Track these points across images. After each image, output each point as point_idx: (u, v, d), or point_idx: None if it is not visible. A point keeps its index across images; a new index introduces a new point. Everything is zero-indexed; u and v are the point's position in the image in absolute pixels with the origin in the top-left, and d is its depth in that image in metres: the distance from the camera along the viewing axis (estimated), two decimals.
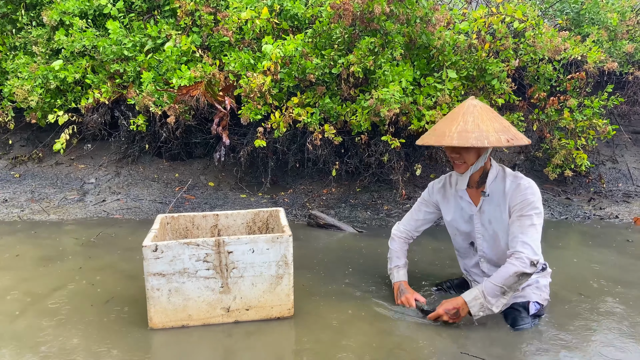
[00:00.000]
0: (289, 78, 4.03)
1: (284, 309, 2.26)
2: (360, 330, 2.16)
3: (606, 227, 3.84)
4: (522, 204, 2.13)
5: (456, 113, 2.17)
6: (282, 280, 2.22)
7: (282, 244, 2.19)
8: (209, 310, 2.18)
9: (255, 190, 4.57)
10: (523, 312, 2.21)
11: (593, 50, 4.22)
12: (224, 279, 2.16)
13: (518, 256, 2.06)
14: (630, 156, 5.31)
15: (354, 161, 4.47)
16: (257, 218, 2.69)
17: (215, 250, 2.12)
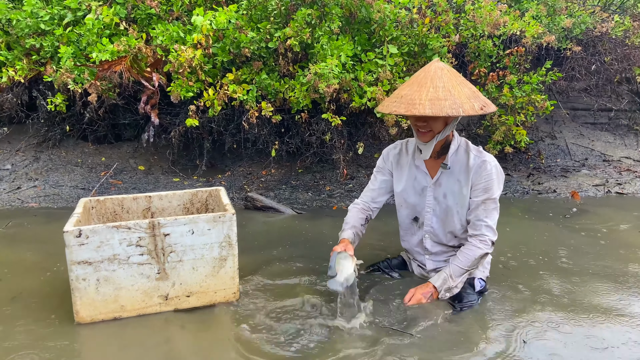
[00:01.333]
0: (222, 53, 3.86)
1: (228, 293, 2.16)
2: (308, 312, 2.11)
3: (544, 202, 3.96)
4: (488, 184, 2.12)
5: (423, 77, 2.04)
6: (226, 262, 2.12)
7: (225, 224, 2.07)
8: (145, 300, 2.04)
9: (190, 173, 4.39)
10: (469, 288, 2.23)
11: (531, 25, 4.29)
12: (161, 264, 2.02)
13: (483, 239, 2.14)
14: (569, 132, 5.50)
15: (295, 141, 4.38)
16: (195, 199, 2.53)
17: (150, 234, 1.97)
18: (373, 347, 1.83)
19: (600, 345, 1.87)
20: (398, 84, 3.97)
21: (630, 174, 4.69)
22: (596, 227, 3.32)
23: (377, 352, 1.80)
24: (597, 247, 2.95)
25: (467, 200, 2.17)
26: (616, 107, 5.72)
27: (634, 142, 5.43)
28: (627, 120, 5.74)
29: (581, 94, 5.86)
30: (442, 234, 2.27)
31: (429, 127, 2.07)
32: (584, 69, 5.13)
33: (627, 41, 5.03)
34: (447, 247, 2.30)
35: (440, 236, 2.28)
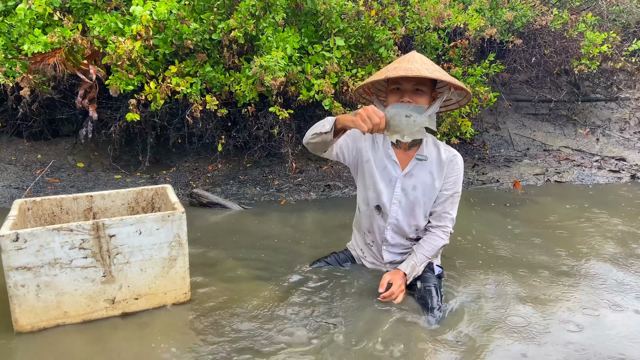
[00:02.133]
0: (164, 44, 3.75)
1: (179, 294, 2.10)
2: (260, 308, 2.08)
3: (488, 192, 4.10)
4: (457, 178, 2.22)
5: (410, 58, 2.03)
6: (176, 262, 2.06)
7: (175, 223, 2.01)
8: (90, 304, 1.95)
9: (133, 170, 4.27)
10: (429, 271, 2.29)
11: (474, 18, 4.41)
12: (106, 267, 1.94)
13: (445, 230, 2.25)
14: (512, 123, 5.71)
15: (243, 135, 4.33)
16: (140, 197, 2.44)
17: (94, 235, 1.88)
18: (315, 343, 1.84)
19: (535, 330, 1.96)
20: (346, 76, 4.00)
21: (569, 163, 4.92)
22: (535, 215, 3.47)
23: (321, 347, 1.81)
24: (535, 234, 3.08)
25: (436, 193, 2.21)
26: (556, 98, 5.99)
27: (572, 132, 5.71)
28: (566, 111, 6.02)
29: (523, 86, 6.09)
30: (406, 226, 2.27)
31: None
32: (525, 61, 5.33)
33: (565, 34, 5.26)
34: (406, 239, 2.32)
35: (404, 228, 2.28)
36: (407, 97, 2.02)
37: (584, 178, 4.50)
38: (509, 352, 1.80)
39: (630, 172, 4.69)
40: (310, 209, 3.59)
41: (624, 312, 2.10)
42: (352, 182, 4.12)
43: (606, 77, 6.22)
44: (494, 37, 4.75)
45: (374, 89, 2.30)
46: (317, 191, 3.99)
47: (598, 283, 2.38)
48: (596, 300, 2.21)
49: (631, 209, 3.62)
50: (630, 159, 5.10)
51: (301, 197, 3.86)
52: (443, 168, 2.20)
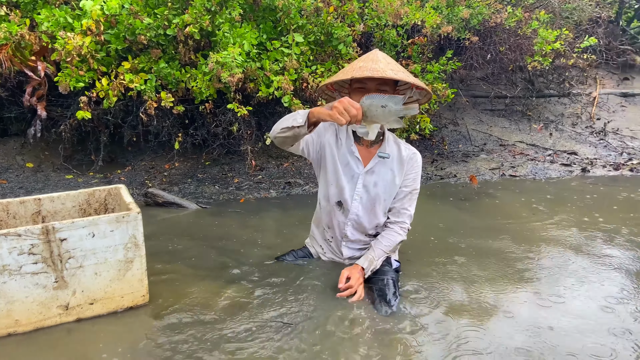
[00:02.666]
0: (116, 40, 3.66)
1: (137, 297, 2.05)
2: (220, 309, 2.06)
3: (445, 186, 4.19)
4: (415, 176, 2.29)
5: (373, 57, 2.08)
6: (133, 264, 2.00)
7: (130, 224, 1.95)
8: (42, 311, 1.87)
9: (85, 169, 4.15)
10: (386, 265, 2.33)
11: (431, 15, 4.48)
12: (58, 272, 1.86)
13: (403, 226, 2.30)
14: (470, 118, 5.84)
15: (201, 132, 4.27)
16: (92, 199, 2.36)
17: (44, 240, 1.80)
18: (265, 343, 1.84)
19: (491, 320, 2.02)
20: (305, 72, 3.99)
21: (523, 157, 5.08)
22: (490, 209, 3.57)
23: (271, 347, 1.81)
24: (490, 227, 3.17)
25: (396, 190, 2.27)
26: (511, 94, 6.16)
27: (527, 127, 5.88)
28: (521, 107, 6.20)
29: (480, 82, 6.24)
30: (367, 223, 2.31)
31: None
32: (482, 58, 5.45)
33: (519, 31, 5.40)
34: (366, 235, 2.36)
35: (364, 225, 2.31)
36: None
37: (537, 172, 4.65)
38: (461, 337, 1.85)
39: (581, 165, 4.87)
40: (271, 206, 3.58)
41: (567, 300, 2.19)
42: (312, 179, 4.13)
43: (559, 74, 6.43)
44: (451, 35, 4.84)
45: (336, 85, 2.32)
46: (277, 189, 3.97)
47: (547, 272, 2.47)
48: (545, 288, 2.29)
49: (581, 201, 3.76)
50: (582, 153, 5.30)
51: (261, 195, 3.84)
52: (403, 165, 2.26)
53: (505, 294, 2.25)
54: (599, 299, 2.20)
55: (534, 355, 1.77)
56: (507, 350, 1.80)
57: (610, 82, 7.24)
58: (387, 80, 2.05)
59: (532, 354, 1.77)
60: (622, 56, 7.36)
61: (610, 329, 1.95)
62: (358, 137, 2.25)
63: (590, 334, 1.91)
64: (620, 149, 5.45)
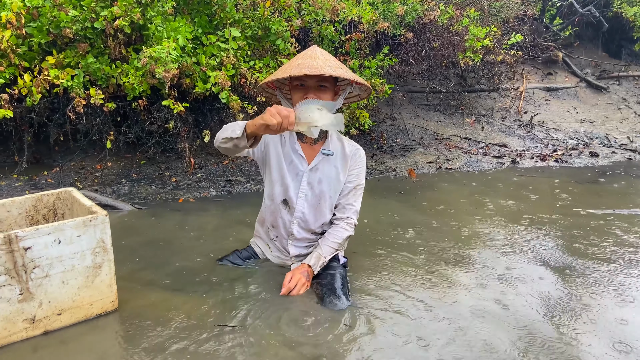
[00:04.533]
0: (39, 33, 3.45)
1: (106, 303, 1.96)
2: (174, 314, 2.01)
3: (385, 181, 4.28)
4: (360, 171, 2.33)
5: (311, 54, 2.09)
6: (102, 269, 1.91)
7: (98, 227, 1.86)
8: (7, 327, 1.74)
9: (8, 172, 3.89)
10: (334, 261, 2.35)
11: (367, 11, 4.55)
12: (23, 283, 1.73)
13: (349, 222, 2.33)
14: (407, 113, 6.00)
15: (135, 130, 4.12)
16: (39, 204, 2.22)
17: (6, 250, 1.67)
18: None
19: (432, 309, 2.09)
20: (243, 68, 3.94)
21: (458, 150, 5.28)
22: (428, 201, 3.69)
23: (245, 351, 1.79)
24: (427, 219, 3.28)
25: (341, 187, 2.30)
26: (445, 89, 6.38)
27: (460, 121, 6.12)
28: (454, 101, 6.44)
29: (415, 78, 6.42)
30: (312, 221, 2.31)
31: (320, 99, 2.04)
32: (417, 54, 5.61)
33: (451, 28, 5.61)
34: (312, 234, 2.35)
35: (310, 223, 2.32)
36: (312, 93, 2.08)
37: (471, 164, 4.86)
38: (411, 326, 1.91)
39: (511, 157, 5.14)
40: (211, 206, 3.51)
41: (502, 286, 2.31)
42: (254, 177, 4.09)
43: (489, 69, 6.74)
44: (387, 31, 4.95)
45: (277, 83, 2.31)
46: (217, 187, 3.90)
47: (482, 261, 2.60)
48: (480, 275, 2.40)
49: (511, 191, 3.97)
50: (511, 145, 5.59)
51: (201, 194, 3.76)
52: (347, 161, 2.29)
53: (446, 280, 2.34)
54: (519, 281, 2.35)
55: (481, 335, 1.86)
56: (456, 333, 1.88)
57: (536, 77, 7.67)
58: (326, 77, 2.07)
59: (478, 334, 1.86)
60: (546, 52, 7.82)
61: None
62: (302, 135, 2.26)
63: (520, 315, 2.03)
64: (546, 141, 5.79)
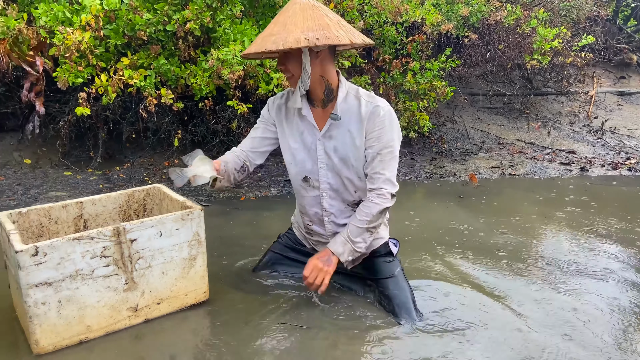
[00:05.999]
0: (115, 35, 3.62)
1: (199, 294, 2.08)
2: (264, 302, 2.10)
3: (445, 185, 4.19)
4: (381, 132, 1.93)
5: (273, 22, 1.87)
6: (196, 261, 2.03)
7: (194, 221, 1.97)
8: (113, 315, 1.85)
9: (84, 166, 4.11)
10: (387, 256, 2.18)
11: (431, 13, 4.47)
12: (128, 273, 1.85)
13: (380, 192, 1.98)
14: (468, 116, 5.85)
15: (200, 129, 4.25)
16: (131, 200, 2.34)
17: (115, 241, 1.78)
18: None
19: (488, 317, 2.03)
20: None
21: (522, 156, 5.09)
22: (490, 207, 3.57)
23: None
24: (491, 225, 3.17)
25: (361, 152, 1.99)
26: (509, 93, 6.17)
27: (525, 125, 5.90)
28: (519, 105, 6.21)
29: (478, 80, 6.24)
30: (342, 189, 2.09)
31: (288, 71, 1.93)
32: (480, 55, 5.46)
33: (518, 29, 5.41)
34: (348, 205, 2.12)
35: (340, 191, 2.10)
36: (280, 65, 1.94)
37: (536, 171, 4.66)
38: (463, 332, 1.85)
39: (580, 164, 4.89)
40: (271, 205, 3.57)
41: (572, 295, 2.20)
42: None
43: (557, 72, 6.45)
44: (450, 32, 4.84)
45: None
46: (277, 187, 3.96)
47: (547, 271, 2.49)
48: (549, 285, 2.30)
49: (581, 201, 3.77)
50: (580, 152, 5.32)
51: (261, 193, 3.83)
52: (363, 124, 1.95)
53: (511, 291, 2.27)
54: (600, 292, 2.23)
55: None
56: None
57: (607, 80, 7.27)
58: None
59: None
60: (619, 55, 7.39)
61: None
62: (312, 99, 2.04)
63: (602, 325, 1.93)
64: (617, 148, 5.47)
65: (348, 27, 1.87)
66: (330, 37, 1.77)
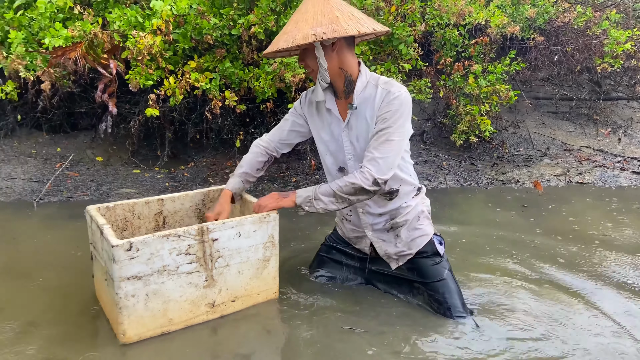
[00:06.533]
0: (184, 39, 3.75)
1: (270, 293, 2.16)
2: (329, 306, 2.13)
3: (508, 192, 4.04)
4: (386, 115, 1.92)
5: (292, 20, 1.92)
6: (269, 262, 2.11)
7: (270, 224, 2.05)
8: (192, 310, 1.95)
9: (151, 164, 4.28)
10: (434, 257, 2.13)
11: (496, 15, 4.35)
12: (209, 271, 1.94)
13: (363, 171, 1.94)
14: (531, 121, 5.63)
15: (260, 131, 4.32)
16: (206, 199, 2.44)
17: (199, 240, 1.88)
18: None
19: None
20: None
21: (590, 163, 4.84)
22: (557, 218, 3.41)
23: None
24: (556, 237, 3.03)
25: None
26: (577, 97, 5.88)
27: (593, 132, 5.61)
28: (587, 110, 5.91)
29: (543, 84, 6.00)
30: None
31: (308, 67, 1.99)
32: (547, 58, 5.25)
33: (588, 31, 5.16)
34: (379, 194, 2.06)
35: None
36: (301, 60, 2.01)
37: (606, 179, 4.42)
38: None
39: None
40: None
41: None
42: None
43: (629, 76, 6.09)
44: (515, 34, 4.68)
45: None
46: None
47: (613, 290, 2.35)
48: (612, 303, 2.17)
49: None
50: None
51: None
52: (375, 110, 1.96)
53: (575, 307, 2.16)
54: None
55: None
56: None
57: None
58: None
59: None
60: None
61: None
62: (335, 91, 2.07)
63: None
64: None
65: (359, 18, 1.87)
66: (338, 30, 1.80)
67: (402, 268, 2.18)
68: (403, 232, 2.12)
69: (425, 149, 4.91)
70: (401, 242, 2.14)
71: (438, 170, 4.51)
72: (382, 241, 2.18)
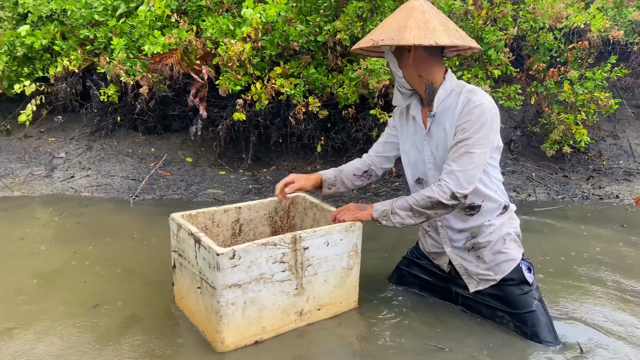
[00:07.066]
0: (271, 46, 3.84)
1: (351, 302, 2.16)
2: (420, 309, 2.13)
3: (606, 208, 3.73)
4: (465, 125, 1.81)
5: (387, 22, 1.93)
6: (352, 271, 2.11)
7: (355, 233, 2.05)
8: (283, 318, 1.96)
9: (236, 166, 4.42)
10: (522, 285, 1.97)
11: (597, 18, 4.05)
12: (299, 279, 1.97)
13: (440, 184, 1.85)
14: (633, 132, 5.18)
15: (341, 136, 4.32)
16: (279, 207, 2.49)
17: (292, 248, 1.91)
18: None
19: None
20: None
21: None
22: None
23: None
24: None
25: None
26: None
27: None
28: None
29: None
30: None
31: (391, 72, 2.00)
32: None
33: None
34: (460, 210, 1.98)
35: None
36: (387, 65, 2.04)
37: None
38: None
39: None
40: None
41: None
42: None
43: None
44: (617, 39, 4.33)
45: None
46: None
47: None
48: None
49: None
50: None
51: None
52: (455, 119, 1.86)
53: None
54: None
55: None
56: None
57: None
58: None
59: None
60: None
61: None
62: (421, 98, 2.02)
63: None
64: None
65: (432, 29, 1.78)
66: (395, 39, 1.78)
67: (483, 293, 2.04)
68: (486, 254, 1.99)
69: (512, 159, 4.67)
70: (484, 265, 2.01)
71: (526, 182, 4.26)
72: (462, 259, 2.07)
